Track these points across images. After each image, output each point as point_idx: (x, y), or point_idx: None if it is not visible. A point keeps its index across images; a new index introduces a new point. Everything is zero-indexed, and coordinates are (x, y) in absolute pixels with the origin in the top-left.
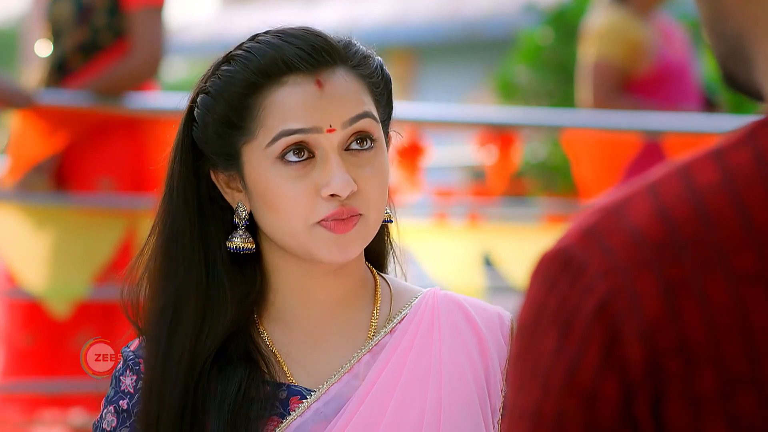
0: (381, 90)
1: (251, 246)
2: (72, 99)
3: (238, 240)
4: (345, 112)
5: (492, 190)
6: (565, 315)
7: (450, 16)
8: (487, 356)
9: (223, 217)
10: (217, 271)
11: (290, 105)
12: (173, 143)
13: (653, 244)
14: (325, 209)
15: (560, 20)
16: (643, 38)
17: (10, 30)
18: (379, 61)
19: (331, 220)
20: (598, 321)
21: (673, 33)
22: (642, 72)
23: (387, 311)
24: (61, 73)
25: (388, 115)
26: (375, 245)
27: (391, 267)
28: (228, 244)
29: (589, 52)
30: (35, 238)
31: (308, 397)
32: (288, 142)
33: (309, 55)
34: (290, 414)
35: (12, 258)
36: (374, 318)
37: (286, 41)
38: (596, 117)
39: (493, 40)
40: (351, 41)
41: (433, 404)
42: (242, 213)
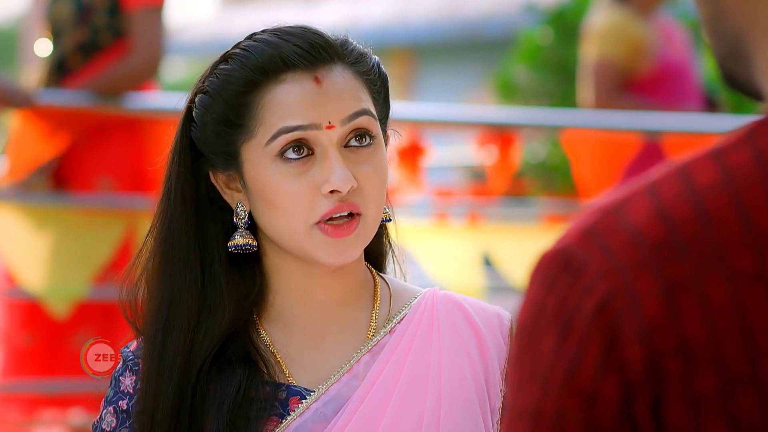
0: (378, 88)
1: (253, 242)
2: (71, 99)
3: (239, 238)
4: (343, 108)
5: (492, 190)
6: (564, 315)
7: (450, 16)
8: (487, 356)
9: (222, 218)
10: (215, 272)
11: (289, 102)
12: (172, 144)
13: (653, 244)
14: (325, 206)
15: (560, 20)
16: (645, 38)
17: (10, 30)
18: (375, 59)
19: (330, 222)
20: (598, 321)
21: (674, 33)
22: (643, 72)
23: (386, 311)
24: (60, 73)
25: (385, 113)
26: (374, 245)
27: (391, 267)
28: (230, 243)
29: (590, 51)
30: (35, 238)
31: (308, 397)
32: (287, 140)
33: (306, 52)
34: (290, 414)
35: (12, 258)
36: (373, 318)
37: (284, 39)
38: (596, 117)
39: (493, 40)
40: (348, 39)
41: (433, 404)
42: (242, 213)
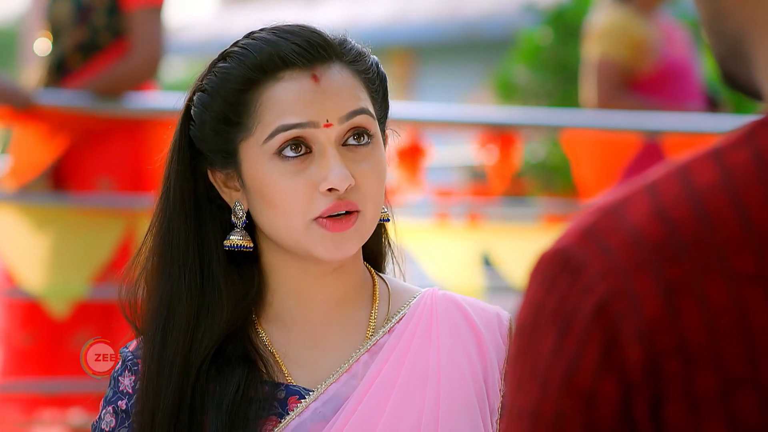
0: (377, 87)
1: (249, 244)
2: (71, 99)
3: (235, 238)
4: (342, 107)
5: (492, 190)
6: (564, 315)
7: (450, 16)
8: (486, 356)
9: (221, 217)
10: (213, 271)
11: (287, 100)
12: (170, 143)
13: (652, 245)
14: (323, 204)
15: (559, 20)
16: (647, 37)
17: (10, 30)
18: (374, 58)
19: (327, 217)
20: (597, 321)
21: (675, 32)
22: (645, 71)
23: (385, 311)
24: (60, 72)
25: (384, 113)
26: (373, 245)
27: (390, 267)
28: (225, 242)
29: (592, 51)
30: (34, 238)
31: (306, 396)
32: (285, 138)
33: (305, 50)
34: (288, 414)
35: (11, 258)
36: (372, 318)
37: (282, 37)
38: (596, 117)
39: (493, 40)
40: (346, 38)
41: (432, 404)
42: (240, 212)
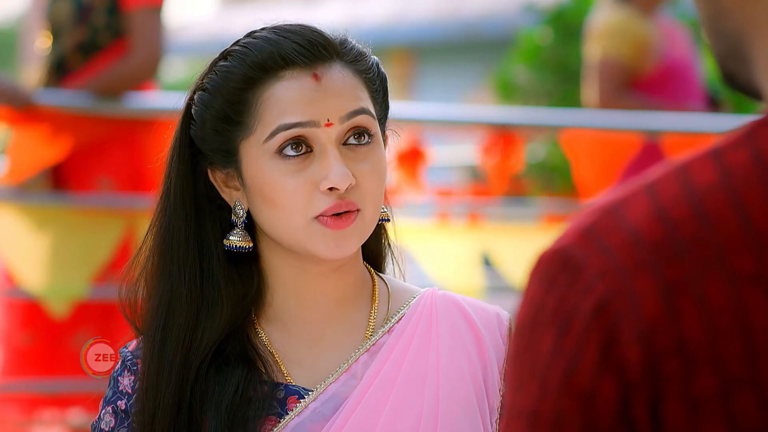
0: (377, 87)
1: (248, 245)
2: (71, 99)
3: (234, 238)
4: (342, 106)
5: (491, 190)
6: (563, 315)
7: (449, 15)
8: (485, 356)
9: (221, 216)
10: (213, 271)
11: (287, 99)
12: (171, 142)
13: (652, 245)
14: (324, 203)
15: (559, 20)
16: (649, 37)
17: (10, 30)
18: (374, 59)
19: (329, 215)
20: (597, 321)
21: (675, 32)
22: (647, 71)
23: (385, 311)
24: (60, 72)
25: (384, 113)
26: (372, 245)
27: (390, 267)
28: (225, 242)
29: (594, 51)
30: (34, 238)
31: (306, 396)
32: (286, 137)
33: (306, 50)
34: (288, 413)
35: (11, 258)
36: (372, 318)
37: (283, 36)
38: (596, 117)
39: (493, 40)
40: (347, 38)
41: (431, 404)
42: (240, 211)
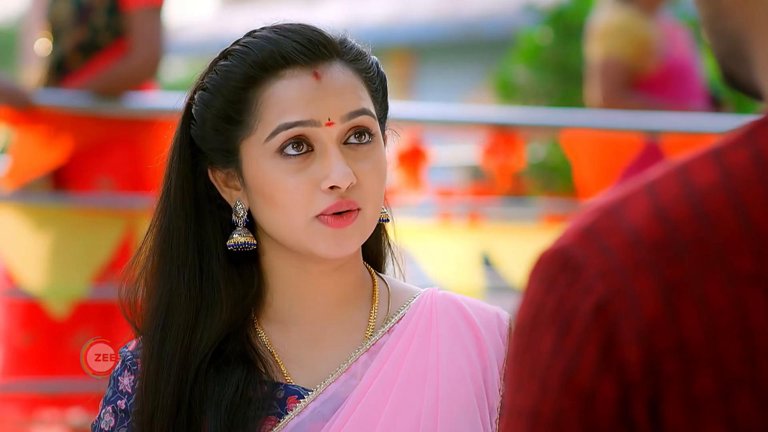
0: (377, 87)
1: (252, 241)
2: (71, 99)
3: (238, 236)
4: (343, 105)
5: (491, 189)
6: (563, 315)
7: (449, 15)
8: (485, 356)
9: (221, 216)
10: (212, 271)
11: (288, 98)
12: (171, 142)
13: (652, 245)
14: (325, 202)
15: (559, 20)
16: (651, 37)
17: (10, 30)
18: (374, 59)
19: (330, 214)
20: (596, 321)
21: (676, 32)
22: (650, 70)
23: (385, 311)
24: (60, 72)
25: (384, 113)
26: (372, 245)
27: (390, 267)
28: (228, 242)
29: (596, 50)
30: (34, 238)
31: (305, 396)
32: (287, 136)
33: (306, 48)
34: (288, 413)
35: (11, 258)
36: (372, 318)
37: (283, 35)
38: (596, 117)
39: (493, 40)
40: (346, 38)
41: (431, 404)
42: (241, 211)
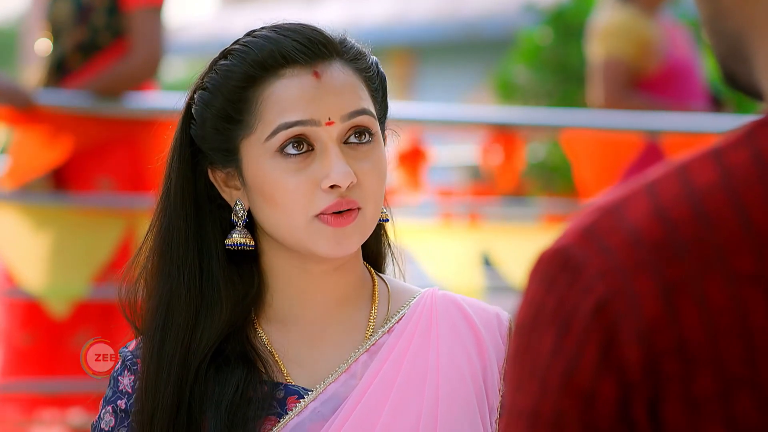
0: (377, 86)
1: (250, 242)
2: (71, 99)
3: (237, 236)
4: (343, 105)
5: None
6: (563, 315)
7: (449, 15)
8: (485, 356)
9: (221, 216)
10: (212, 271)
11: (288, 97)
12: (171, 142)
13: (652, 245)
14: (325, 201)
15: (559, 20)
16: (652, 36)
17: (10, 30)
18: (374, 58)
19: (330, 213)
20: (596, 321)
21: (677, 32)
22: (651, 70)
23: (385, 311)
24: (60, 72)
25: (383, 113)
26: (372, 245)
27: (390, 267)
28: (226, 241)
29: (597, 50)
30: (35, 237)
31: (305, 396)
32: (287, 135)
33: (306, 48)
34: (287, 413)
35: (11, 258)
36: (372, 318)
37: (283, 35)
38: (596, 117)
39: (493, 40)
40: (346, 37)
41: (431, 404)
42: (240, 211)
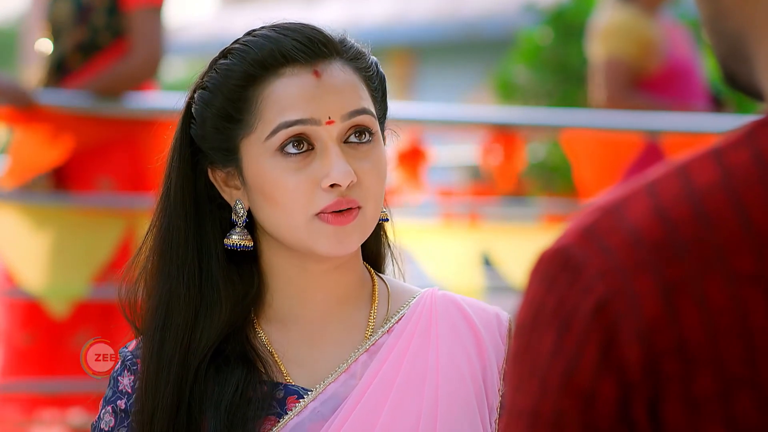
0: (376, 86)
1: (249, 243)
2: (71, 99)
3: (236, 237)
4: (343, 104)
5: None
6: (563, 315)
7: (449, 15)
8: (485, 356)
9: (221, 216)
10: (212, 272)
11: (288, 96)
12: (171, 142)
13: (652, 245)
14: (325, 200)
15: (559, 20)
16: (654, 36)
17: (10, 30)
18: (373, 59)
19: (330, 212)
20: (596, 321)
21: (677, 32)
22: (653, 70)
23: (384, 311)
24: (60, 72)
25: (383, 113)
26: (372, 245)
27: (390, 268)
28: (226, 241)
29: (598, 50)
30: (35, 237)
31: (305, 396)
32: (287, 134)
33: (306, 47)
34: (287, 413)
35: (11, 258)
36: (372, 318)
37: (283, 34)
38: (596, 117)
39: (493, 40)
40: (346, 37)
41: (430, 404)
42: (240, 210)
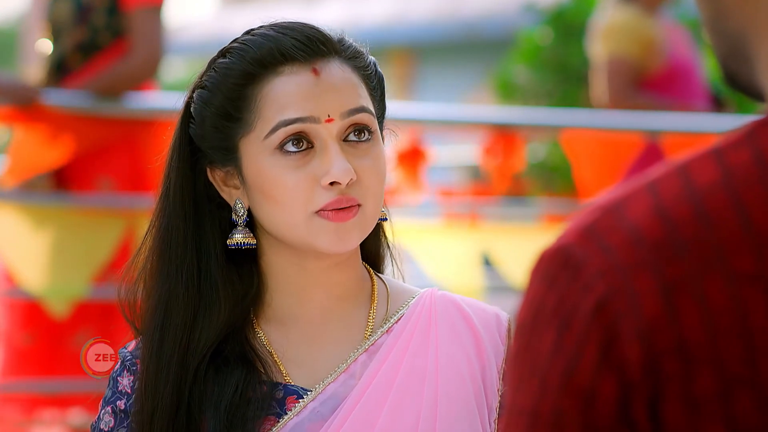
0: (375, 85)
1: (252, 241)
2: (71, 99)
3: (239, 236)
4: (342, 102)
5: (491, 189)
6: (563, 314)
7: (449, 15)
8: (484, 356)
9: (220, 216)
10: (211, 272)
11: (287, 94)
12: (170, 142)
13: (652, 244)
14: (325, 198)
15: (559, 20)
16: (655, 36)
17: (10, 30)
18: (372, 58)
19: (330, 209)
20: (597, 320)
21: (677, 32)
22: (654, 70)
23: (384, 311)
24: (60, 72)
25: (381, 112)
26: (371, 245)
27: (389, 268)
28: (229, 241)
29: (600, 50)
30: (35, 237)
31: (305, 396)
32: (287, 132)
33: (305, 45)
34: (287, 414)
35: (11, 257)
36: (371, 318)
37: (282, 33)
38: (596, 117)
39: (493, 40)
40: (344, 36)
41: (430, 404)
42: (241, 210)
